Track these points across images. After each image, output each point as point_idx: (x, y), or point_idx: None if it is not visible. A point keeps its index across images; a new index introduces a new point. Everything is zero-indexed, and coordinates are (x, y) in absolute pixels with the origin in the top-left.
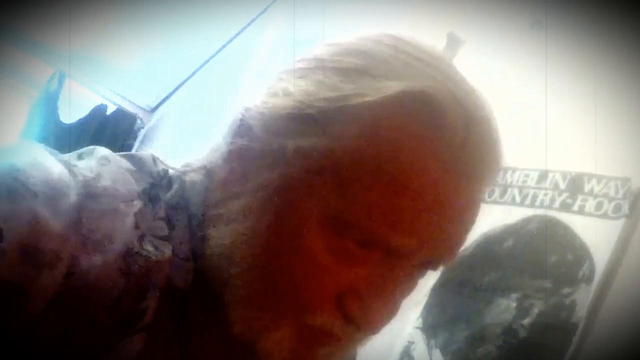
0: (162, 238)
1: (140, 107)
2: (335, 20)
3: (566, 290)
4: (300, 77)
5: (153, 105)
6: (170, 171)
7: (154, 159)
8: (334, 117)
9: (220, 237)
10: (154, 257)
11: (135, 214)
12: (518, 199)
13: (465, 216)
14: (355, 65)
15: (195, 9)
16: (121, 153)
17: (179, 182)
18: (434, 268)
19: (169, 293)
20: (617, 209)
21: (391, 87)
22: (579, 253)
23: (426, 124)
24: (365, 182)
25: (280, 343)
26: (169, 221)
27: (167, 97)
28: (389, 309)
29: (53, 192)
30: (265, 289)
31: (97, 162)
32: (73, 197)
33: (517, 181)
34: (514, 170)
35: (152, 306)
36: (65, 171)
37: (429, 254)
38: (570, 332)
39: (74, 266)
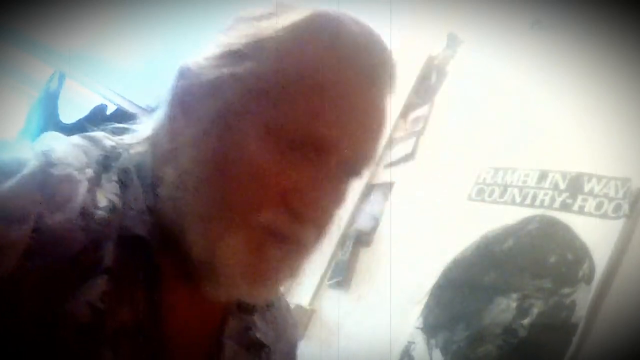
0: (115, 195)
1: (140, 107)
2: None
3: (566, 290)
4: (224, 33)
5: (153, 105)
6: (119, 145)
7: (105, 137)
8: (256, 48)
9: (172, 181)
10: (106, 213)
11: (89, 180)
12: (518, 199)
13: (372, 115)
14: (259, 12)
15: (195, 9)
16: (77, 135)
17: (126, 153)
18: (355, 172)
19: (131, 242)
20: (617, 209)
21: (295, 15)
22: (579, 253)
23: (332, 38)
24: (290, 92)
25: (234, 249)
26: (121, 182)
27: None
28: (326, 203)
29: (19, 163)
30: (215, 202)
31: (50, 139)
32: (35, 163)
33: (517, 181)
34: (513, 170)
35: (109, 252)
36: (28, 149)
37: (349, 151)
38: (570, 332)
39: (39, 222)
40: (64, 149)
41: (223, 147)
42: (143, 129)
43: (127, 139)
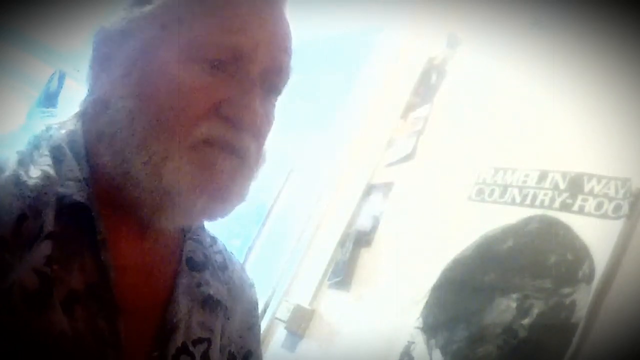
0: (48, 166)
1: None
2: (335, 20)
3: (566, 290)
4: None
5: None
6: (49, 127)
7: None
8: None
9: (107, 131)
10: (40, 181)
11: (18, 153)
12: (518, 199)
13: (278, 22)
14: None
15: None
16: None
17: (57, 132)
18: (276, 87)
19: (71, 209)
20: (617, 209)
21: None
22: (579, 253)
23: None
24: (193, 15)
25: (180, 167)
26: (54, 157)
27: None
28: (257, 107)
29: None
30: (152, 128)
31: None
32: None
33: (517, 181)
34: (513, 170)
35: (50, 219)
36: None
37: (266, 59)
38: (570, 332)
39: None
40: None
41: (147, 80)
42: (73, 110)
43: (56, 120)
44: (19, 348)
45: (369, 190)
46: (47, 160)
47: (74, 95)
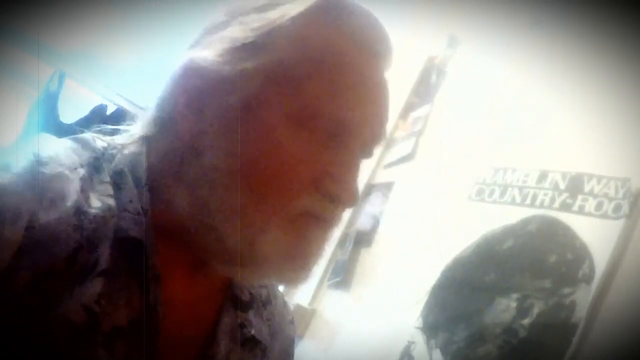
0: (108, 196)
1: (140, 107)
2: None
3: (566, 290)
4: (225, 27)
5: (146, 104)
6: (111, 146)
7: (94, 138)
8: (271, 39)
9: (191, 179)
10: (101, 212)
11: (81, 179)
12: (518, 199)
13: (384, 92)
14: (261, 2)
15: (195, 9)
16: (67, 137)
17: (120, 154)
18: (370, 152)
19: (125, 243)
20: (617, 208)
21: (304, 1)
22: (579, 253)
23: (345, 21)
24: (309, 79)
25: (275, 239)
26: (115, 184)
27: None
28: (356, 182)
29: (7, 163)
30: (250, 195)
31: (40, 141)
32: (24, 163)
33: (517, 181)
34: (513, 170)
35: (105, 254)
36: (14, 149)
37: (370, 131)
38: (570, 332)
39: (33, 220)
40: (55, 149)
41: (250, 140)
42: (136, 129)
43: (119, 139)
44: None
45: (369, 190)
46: (109, 189)
47: (74, 95)
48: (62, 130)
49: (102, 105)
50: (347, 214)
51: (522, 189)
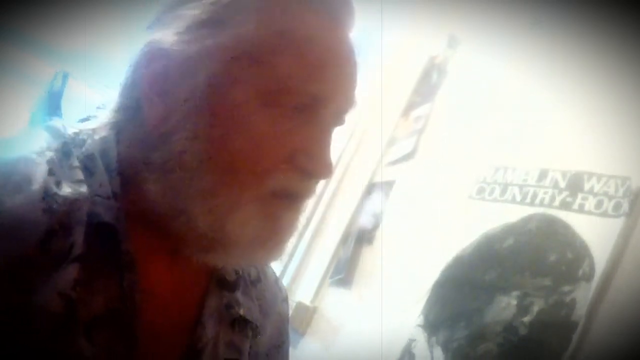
0: (79, 182)
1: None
2: None
3: (566, 288)
4: (181, 4)
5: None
6: (82, 132)
7: (63, 125)
8: (232, 13)
9: (161, 163)
10: (71, 196)
11: (48, 162)
12: (518, 198)
13: (352, 59)
14: None
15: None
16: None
17: (90, 139)
18: (342, 120)
19: (99, 228)
20: (617, 207)
21: None
22: (579, 251)
23: None
24: (275, 54)
25: (246, 220)
26: (85, 168)
27: None
28: (329, 152)
29: None
30: (222, 176)
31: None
32: None
33: (517, 180)
34: (514, 169)
35: (79, 239)
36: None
37: (342, 101)
38: (570, 330)
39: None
40: (21, 138)
41: (219, 120)
42: (104, 115)
43: (89, 125)
44: None
45: (371, 188)
46: (79, 174)
47: (78, 94)
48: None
49: (105, 102)
50: (349, 212)
51: (522, 188)
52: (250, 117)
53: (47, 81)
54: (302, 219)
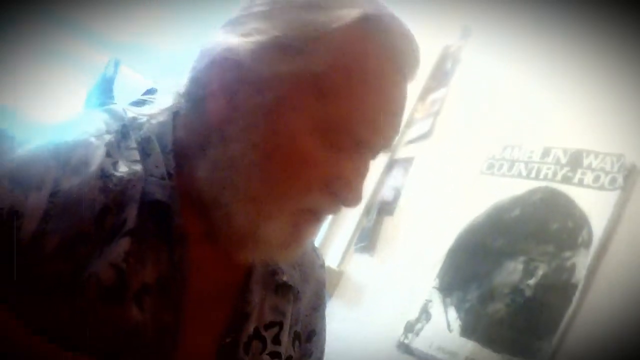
0: (135, 162)
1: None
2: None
3: (567, 254)
4: (265, 18)
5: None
6: (140, 117)
7: (124, 109)
8: (310, 45)
9: (215, 159)
10: (126, 176)
11: (107, 144)
12: (524, 173)
13: (403, 107)
14: (306, 0)
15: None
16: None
17: (147, 124)
18: (380, 154)
19: (152, 205)
20: (613, 181)
21: (348, 14)
22: (579, 221)
23: (383, 40)
24: (339, 95)
25: (278, 228)
26: (142, 150)
27: None
28: (363, 184)
29: (31, 134)
30: (266, 186)
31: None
32: (46, 134)
33: (523, 157)
34: (520, 147)
35: (132, 215)
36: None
37: (384, 144)
38: (571, 291)
39: (57, 186)
40: (83, 120)
41: (277, 139)
42: (165, 101)
43: (148, 110)
44: (92, 337)
45: (392, 164)
46: (135, 154)
47: (128, 80)
48: None
49: (153, 88)
50: (371, 185)
51: (527, 164)
52: (303, 142)
53: (100, 68)
54: None
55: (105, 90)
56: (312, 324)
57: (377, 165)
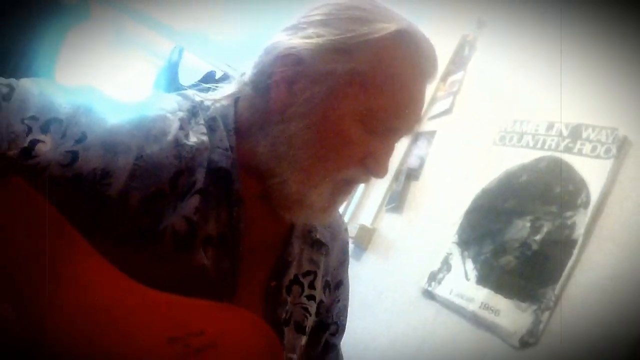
0: (203, 134)
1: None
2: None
3: (568, 213)
4: (323, 25)
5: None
6: (207, 100)
7: (193, 94)
8: (357, 49)
9: (276, 136)
10: (196, 145)
11: (180, 119)
12: (531, 144)
13: (423, 103)
14: (356, 14)
15: None
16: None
17: (213, 106)
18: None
19: (216, 172)
20: (608, 151)
21: (387, 27)
22: (578, 185)
23: (412, 50)
24: (380, 92)
25: (322, 194)
26: (209, 127)
27: None
28: (389, 161)
29: (118, 109)
30: (316, 160)
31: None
32: (131, 109)
33: (531, 130)
34: (528, 121)
35: (200, 178)
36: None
37: (409, 130)
38: (571, 246)
39: (140, 152)
40: (159, 99)
41: (327, 122)
42: (229, 88)
43: (214, 95)
44: (167, 278)
45: (417, 137)
46: (203, 129)
47: (191, 64)
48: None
49: (212, 71)
50: (400, 154)
51: (534, 136)
52: (346, 125)
53: (167, 54)
54: None
55: (171, 74)
56: (340, 276)
57: (405, 137)
